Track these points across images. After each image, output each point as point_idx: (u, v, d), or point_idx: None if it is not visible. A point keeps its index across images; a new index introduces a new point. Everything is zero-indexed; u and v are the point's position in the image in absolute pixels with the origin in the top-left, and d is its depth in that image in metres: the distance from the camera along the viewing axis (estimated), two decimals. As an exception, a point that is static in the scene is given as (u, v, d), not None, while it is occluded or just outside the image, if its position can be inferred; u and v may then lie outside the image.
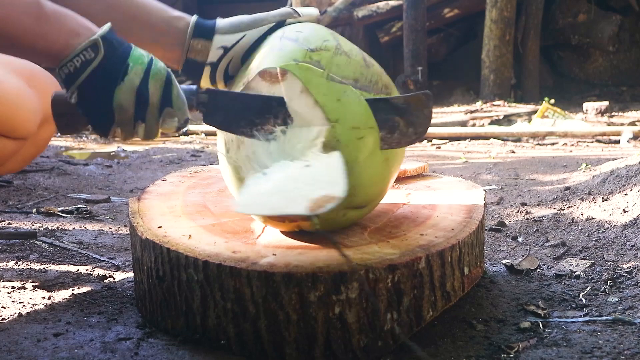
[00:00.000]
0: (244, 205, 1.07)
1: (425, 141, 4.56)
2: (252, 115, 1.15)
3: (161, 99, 1.11)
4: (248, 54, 1.28)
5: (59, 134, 1.28)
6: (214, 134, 2.28)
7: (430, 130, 4.72)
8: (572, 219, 1.98)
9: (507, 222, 2.01)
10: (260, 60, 1.21)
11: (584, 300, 1.35)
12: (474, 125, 5.22)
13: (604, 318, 1.24)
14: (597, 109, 5.47)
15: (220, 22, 1.29)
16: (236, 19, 1.29)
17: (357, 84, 1.17)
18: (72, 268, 1.62)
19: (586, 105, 5.58)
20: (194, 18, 1.29)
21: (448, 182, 1.65)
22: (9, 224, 2.06)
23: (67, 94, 1.11)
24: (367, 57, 1.24)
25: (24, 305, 1.35)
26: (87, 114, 1.11)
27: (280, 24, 1.29)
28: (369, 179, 1.18)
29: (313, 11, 1.32)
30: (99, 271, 1.59)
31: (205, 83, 1.30)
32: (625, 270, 1.50)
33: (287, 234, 1.23)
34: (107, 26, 1.11)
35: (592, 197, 2.12)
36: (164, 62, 1.16)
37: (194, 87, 1.16)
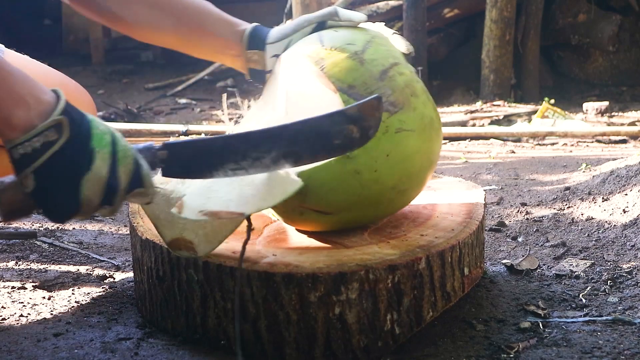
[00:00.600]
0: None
1: (425, 141, 4.56)
2: (212, 157, 1.07)
3: (130, 183, 1.00)
4: None
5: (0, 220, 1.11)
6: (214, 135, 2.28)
7: (430, 130, 4.74)
8: (572, 219, 1.98)
9: (507, 222, 2.01)
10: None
11: (584, 300, 1.35)
12: (474, 125, 5.22)
13: (604, 318, 1.24)
14: (597, 109, 5.47)
15: (272, 31, 1.32)
16: (284, 26, 1.32)
17: (351, 90, 1.17)
18: (72, 268, 1.62)
19: (586, 105, 5.58)
20: (248, 29, 1.32)
21: (448, 182, 1.65)
22: (9, 224, 2.06)
23: (17, 178, 0.96)
24: (401, 76, 1.21)
25: (24, 305, 1.35)
26: (43, 202, 0.97)
27: (321, 24, 1.30)
28: (327, 185, 1.16)
29: (356, 16, 1.31)
30: (99, 271, 1.59)
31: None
32: (625, 270, 1.50)
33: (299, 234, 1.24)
34: (62, 95, 0.97)
35: (592, 197, 2.12)
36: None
37: (151, 144, 1.06)
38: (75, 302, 1.37)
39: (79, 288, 1.46)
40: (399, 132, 1.16)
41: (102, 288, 1.46)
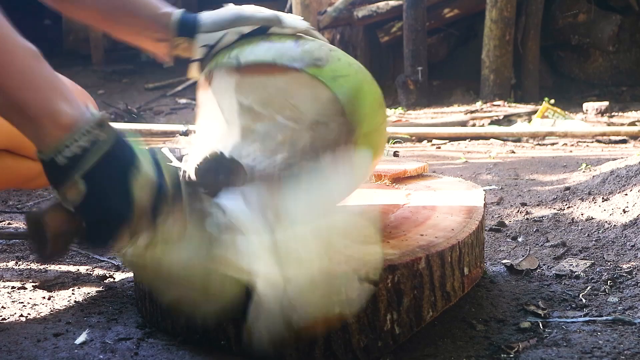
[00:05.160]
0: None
1: (425, 141, 4.56)
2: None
3: (174, 190, 0.91)
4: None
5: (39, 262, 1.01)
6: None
7: (430, 130, 4.73)
8: (572, 219, 1.98)
9: (507, 222, 2.01)
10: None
11: (584, 300, 1.35)
12: (474, 125, 5.22)
13: (604, 318, 1.24)
14: (597, 109, 5.47)
15: (203, 18, 1.24)
16: (219, 15, 1.23)
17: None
18: (72, 268, 1.62)
19: (586, 105, 5.58)
20: (177, 15, 1.24)
21: (448, 182, 1.65)
22: (9, 224, 2.06)
23: (60, 192, 0.85)
24: (314, 40, 1.23)
25: (24, 305, 1.35)
26: (92, 215, 0.86)
27: (263, 29, 1.23)
28: None
29: (299, 24, 1.25)
30: (99, 271, 1.59)
31: (194, 75, 1.28)
32: (625, 270, 1.50)
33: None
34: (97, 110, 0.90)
35: (592, 197, 2.12)
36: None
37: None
38: (75, 302, 1.37)
39: (79, 288, 1.46)
40: (336, 79, 1.16)
41: (102, 288, 1.46)
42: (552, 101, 5.48)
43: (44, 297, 1.40)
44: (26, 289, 1.45)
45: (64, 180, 0.84)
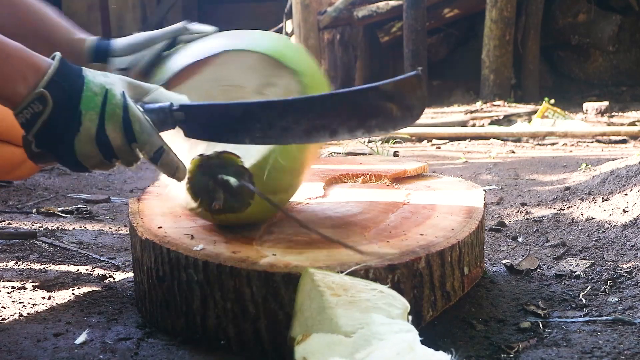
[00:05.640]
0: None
1: (425, 141, 4.57)
2: (234, 123, 1.11)
3: (124, 139, 1.06)
4: (145, 73, 1.30)
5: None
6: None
7: (430, 130, 4.74)
8: (572, 219, 1.98)
9: (507, 222, 2.01)
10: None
11: (584, 300, 1.35)
12: (474, 125, 5.22)
13: (604, 318, 1.24)
14: (597, 109, 5.47)
15: (116, 43, 1.30)
16: (132, 40, 1.30)
17: None
18: (72, 268, 1.62)
19: (586, 105, 5.58)
20: (91, 41, 1.30)
21: (448, 182, 1.65)
22: (9, 224, 2.06)
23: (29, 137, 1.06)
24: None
25: (24, 305, 1.35)
26: (55, 158, 1.08)
27: (173, 41, 1.31)
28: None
29: (208, 28, 1.34)
30: (99, 271, 1.59)
31: None
32: (625, 270, 1.50)
33: (286, 237, 1.23)
34: (57, 60, 1.05)
35: (592, 197, 2.12)
36: None
37: (167, 104, 1.10)
38: (75, 302, 1.37)
39: (79, 288, 1.46)
40: (256, 42, 1.27)
41: (102, 288, 1.46)
42: (552, 101, 5.48)
43: (44, 297, 1.40)
44: (26, 289, 1.45)
45: (26, 134, 1.06)
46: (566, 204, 2.13)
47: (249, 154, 1.17)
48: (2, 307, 1.34)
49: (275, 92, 1.21)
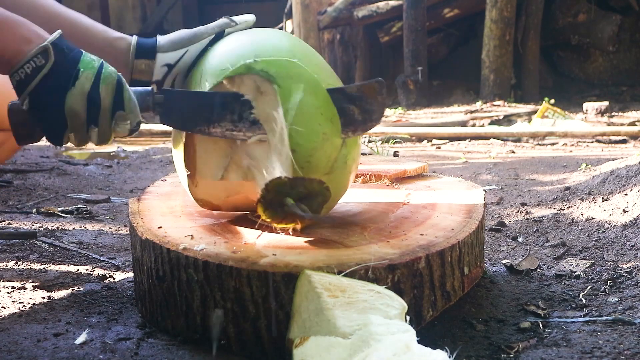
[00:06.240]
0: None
1: (425, 141, 4.57)
2: (209, 112, 1.17)
3: (113, 102, 1.12)
4: (191, 69, 1.30)
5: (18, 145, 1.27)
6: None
7: (430, 130, 4.74)
8: (572, 219, 1.98)
9: (507, 222, 2.01)
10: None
11: (584, 300, 1.35)
12: (474, 125, 5.23)
13: (604, 318, 1.24)
14: (597, 109, 5.47)
15: (161, 39, 1.31)
16: (176, 35, 1.31)
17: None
18: (72, 268, 1.62)
19: (586, 105, 5.58)
20: (134, 39, 1.31)
21: (448, 182, 1.65)
22: (9, 224, 2.06)
23: (19, 100, 1.12)
24: None
25: (24, 305, 1.35)
26: (40, 120, 1.12)
27: (219, 35, 1.32)
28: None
29: (249, 18, 1.36)
30: (99, 271, 1.59)
31: None
32: (625, 270, 1.50)
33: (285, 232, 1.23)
34: (57, 33, 1.12)
35: (592, 197, 2.12)
36: None
37: (149, 88, 1.18)
38: (75, 302, 1.37)
39: (78, 288, 1.46)
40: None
41: (102, 288, 1.46)
42: (552, 101, 5.48)
43: (44, 297, 1.40)
44: (26, 289, 1.45)
45: (19, 95, 1.11)
46: (566, 204, 2.13)
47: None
48: (2, 307, 1.34)
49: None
